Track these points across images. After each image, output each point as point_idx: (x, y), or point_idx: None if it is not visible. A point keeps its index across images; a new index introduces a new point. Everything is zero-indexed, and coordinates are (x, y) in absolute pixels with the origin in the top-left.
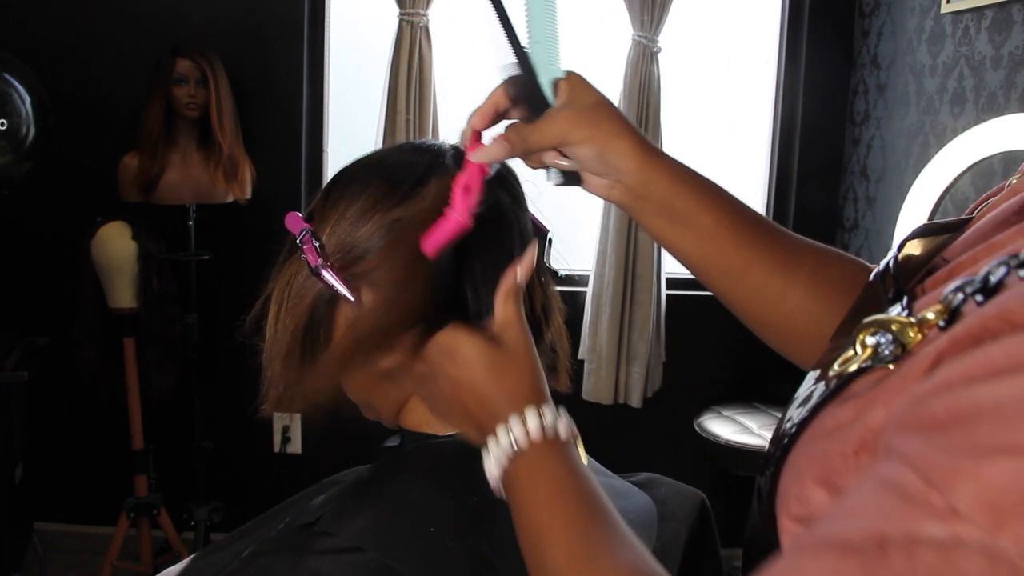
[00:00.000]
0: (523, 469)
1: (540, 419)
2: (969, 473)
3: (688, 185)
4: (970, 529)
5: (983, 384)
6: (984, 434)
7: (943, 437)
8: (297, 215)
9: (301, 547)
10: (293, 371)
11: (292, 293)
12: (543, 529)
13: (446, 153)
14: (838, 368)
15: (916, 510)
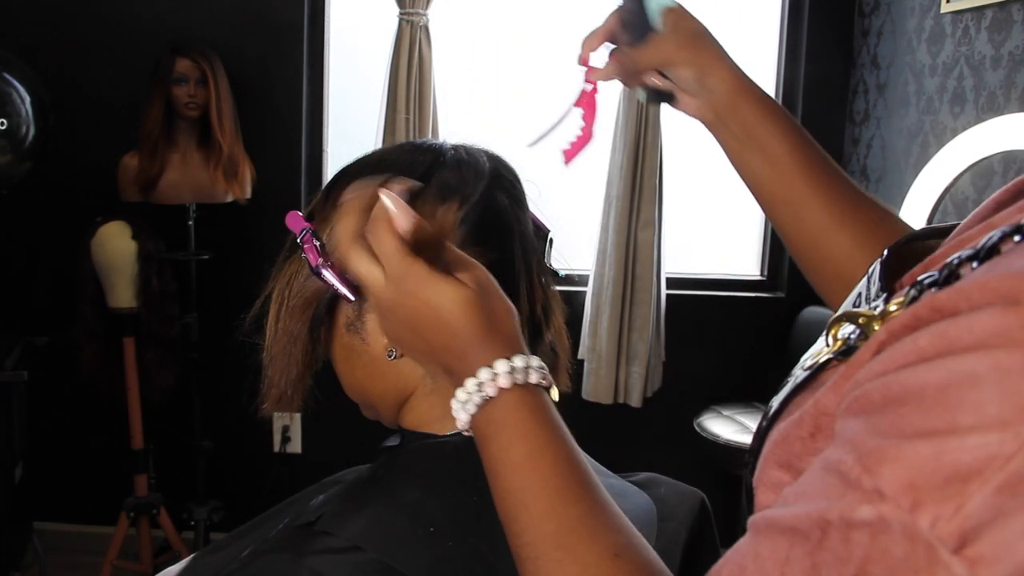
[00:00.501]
0: (494, 418)
1: (510, 366)
2: (894, 456)
3: (772, 116)
4: (893, 510)
5: (910, 370)
6: (907, 418)
7: (876, 420)
8: (298, 214)
9: (301, 547)
10: (294, 370)
11: (292, 292)
12: (516, 496)
13: (446, 153)
14: (811, 361)
15: (852, 493)
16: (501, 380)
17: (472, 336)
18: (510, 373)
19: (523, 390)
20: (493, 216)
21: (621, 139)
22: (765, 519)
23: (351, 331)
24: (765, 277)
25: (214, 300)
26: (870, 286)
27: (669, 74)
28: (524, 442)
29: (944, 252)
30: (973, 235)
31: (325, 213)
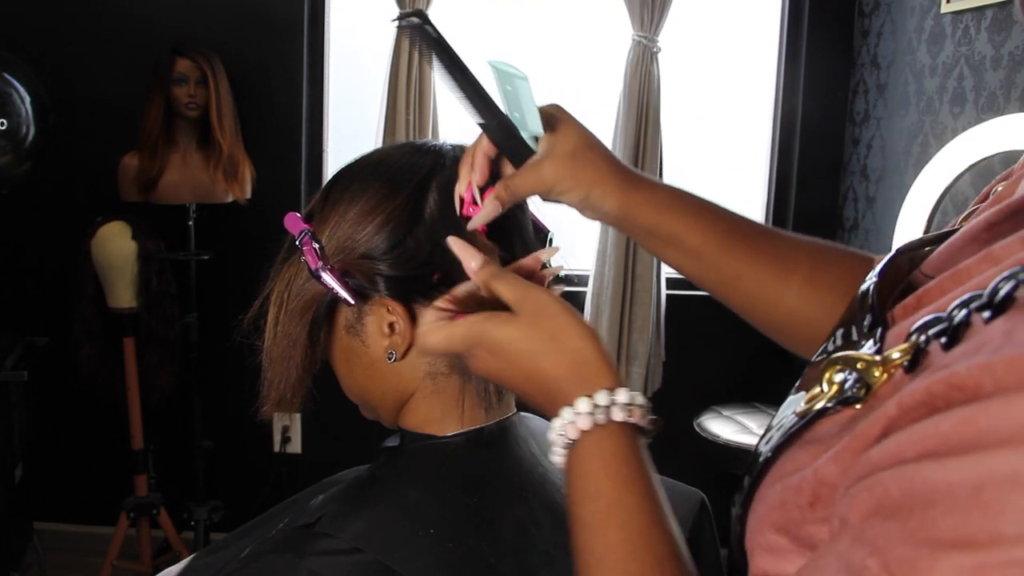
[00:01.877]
0: (585, 455)
1: (592, 402)
2: (928, 568)
3: (671, 212)
4: None
5: (935, 464)
6: (939, 522)
7: (901, 523)
8: (296, 215)
9: (300, 548)
10: (293, 373)
11: (292, 295)
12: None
13: (447, 154)
14: (804, 406)
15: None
16: (581, 422)
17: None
18: (591, 414)
19: (615, 429)
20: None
21: (621, 139)
22: None
23: (351, 333)
24: None
25: (214, 300)
26: (863, 313)
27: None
28: (599, 491)
29: (940, 285)
30: (972, 267)
31: (324, 214)
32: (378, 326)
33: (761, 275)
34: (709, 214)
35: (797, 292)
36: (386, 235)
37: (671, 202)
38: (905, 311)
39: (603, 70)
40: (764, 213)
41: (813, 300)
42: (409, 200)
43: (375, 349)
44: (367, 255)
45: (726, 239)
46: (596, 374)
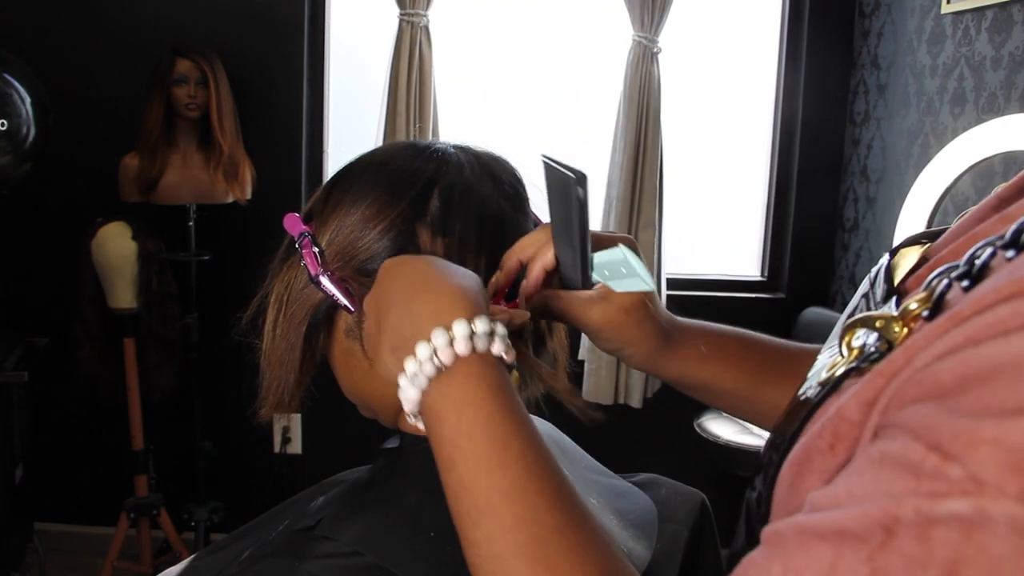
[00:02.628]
0: (450, 393)
1: (470, 329)
2: (991, 437)
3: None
4: (996, 500)
5: (994, 342)
6: (1001, 393)
7: (953, 402)
8: (296, 216)
9: (300, 551)
10: (292, 377)
11: (291, 298)
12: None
13: (451, 159)
14: (826, 375)
15: (931, 484)
16: (459, 345)
17: (427, 290)
18: (469, 338)
19: (484, 361)
20: (495, 219)
21: (621, 140)
22: (794, 525)
23: (351, 336)
24: (765, 278)
25: (214, 301)
26: (874, 289)
27: (586, 331)
28: (487, 428)
29: (954, 249)
30: (987, 229)
31: (325, 217)
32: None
33: (781, 392)
34: (736, 358)
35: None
36: (388, 242)
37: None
38: (918, 280)
39: (603, 70)
40: (764, 213)
41: None
42: (411, 207)
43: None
44: (368, 262)
45: (756, 378)
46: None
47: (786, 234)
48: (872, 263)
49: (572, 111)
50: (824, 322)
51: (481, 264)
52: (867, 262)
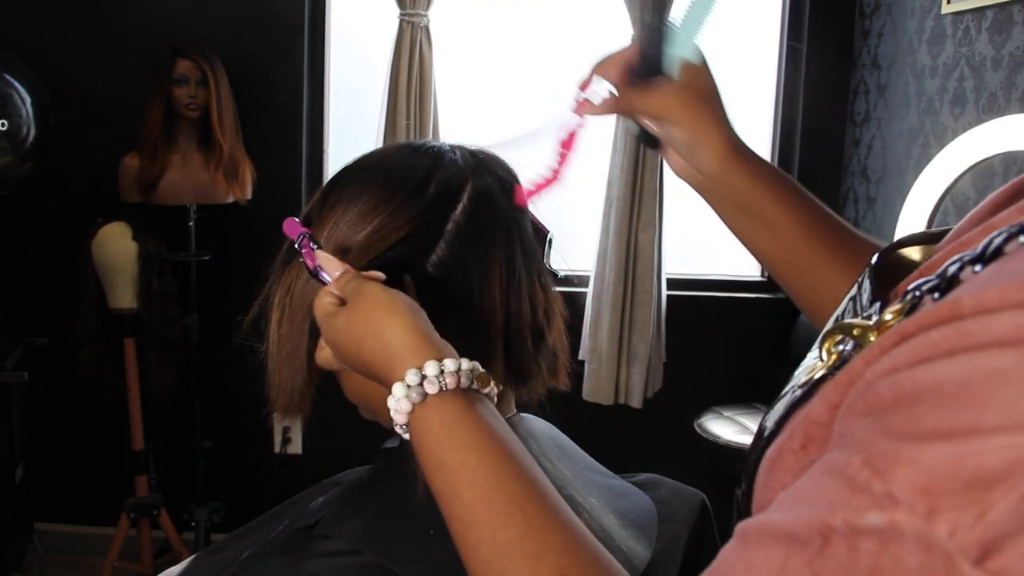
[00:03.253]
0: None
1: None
2: (908, 458)
3: (765, 186)
4: (907, 516)
5: (925, 366)
6: (924, 417)
7: (887, 420)
8: (294, 220)
9: (300, 550)
10: (300, 376)
11: (294, 299)
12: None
13: (446, 155)
14: (805, 377)
15: (859, 498)
16: (428, 386)
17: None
18: (438, 376)
19: (453, 396)
20: (492, 220)
21: (621, 140)
22: (757, 524)
23: None
24: (765, 278)
25: (214, 301)
26: (861, 293)
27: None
28: (440, 468)
29: (940, 258)
30: (972, 238)
31: (323, 216)
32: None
33: (829, 266)
34: (797, 197)
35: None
36: (384, 236)
37: (767, 177)
38: (906, 286)
39: None
40: None
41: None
42: (408, 200)
43: None
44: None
45: (808, 223)
46: (405, 356)
47: None
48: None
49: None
50: None
51: (480, 257)
52: None
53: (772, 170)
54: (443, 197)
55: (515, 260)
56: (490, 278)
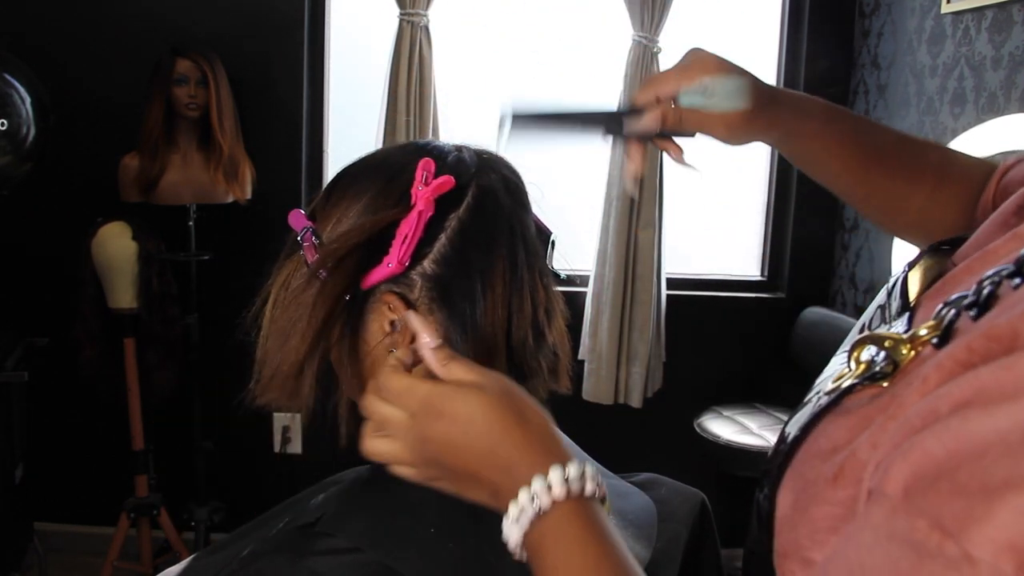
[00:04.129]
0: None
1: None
2: (983, 515)
3: (812, 141)
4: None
5: (979, 413)
6: (992, 470)
7: (949, 479)
8: (300, 212)
9: (301, 548)
10: (287, 363)
11: (288, 292)
12: None
13: (449, 154)
14: (832, 385)
15: (934, 564)
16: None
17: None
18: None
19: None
20: (496, 218)
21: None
22: None
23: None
24: (765, 278)
25: (214, 301)
26: (890, 302)
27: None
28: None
29: (968, 267)
30: (1000, 248)
31: (326, 212)
32: (379, 324)
33: (891, 191)
34: (847, 139)
35: (923, 201)
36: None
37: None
38: (932, 296)
39: (603, 70)
40: (764, 212)
41: (936, 205)
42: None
43: (377, 347)
44: None
45: (865, 160)
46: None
47: (786, 234)
48: (872, 263)
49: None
50: (824, 322)
51: (482, 259)
52: (867, 262)
53: (818, 123)
54: (447, 195)
55: (518, 258)
56: (493, 275)
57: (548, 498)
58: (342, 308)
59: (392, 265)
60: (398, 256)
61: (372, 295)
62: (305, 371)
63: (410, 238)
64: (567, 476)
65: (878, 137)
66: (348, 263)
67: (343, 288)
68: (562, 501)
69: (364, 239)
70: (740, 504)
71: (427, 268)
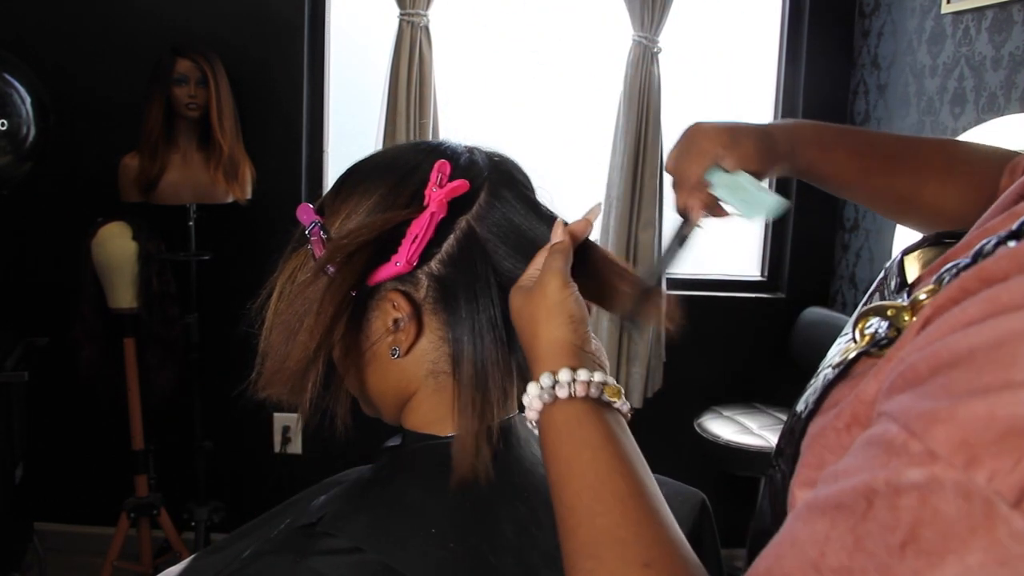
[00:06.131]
0: (548, 423)
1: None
2: (945, 416)
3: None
4: (945, 469)
5: (958, 334)
6: (959, 378)
7: (923, 388)
8: (309, 206)
9: (302, 547)
10: (293, 358)
11: (295, 285)
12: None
13: (460, 155)
14: (839, 358)
15: (898, 459)
16: (559, 390)
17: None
18: (569, 383)
19: (583, 401)
20: (505, 218)
21: (621, 140)
22: (804, 504)
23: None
24: (765, 278)
25: (214, 301)
26: (887, 282)
27: None
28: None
29: (966, 243)
30: (997, 225)
31: (335, 207)
32: (383, 322)
33: (898, 192)
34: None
35: (930, 197)
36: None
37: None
38: (931, 272)
39: (603, 70)
40: None
41: (944, 198)
42: (419, 198)
43: (379, 345)
44: None
45: (863, 174)
46: (546, 359)
47: (786, 234)
48: (872, 263)
49: (572, 111)
50: (824, 322)
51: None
52: (867, 262)
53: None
54: (458, 197)
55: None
56: (498, 275)
57: (543, 397)
58: (348, 304)
59: (401, 264)
60: (407, 255)
61: (377, 292)
62: (311, 368)
63: (421, 238)
64: (575, 377)
65: (875, 148)
66: (357, 260)
67: (351, 284)
68: (578, 397)
69: (374, 237)
70: (740, 504)
71: (434, 268)
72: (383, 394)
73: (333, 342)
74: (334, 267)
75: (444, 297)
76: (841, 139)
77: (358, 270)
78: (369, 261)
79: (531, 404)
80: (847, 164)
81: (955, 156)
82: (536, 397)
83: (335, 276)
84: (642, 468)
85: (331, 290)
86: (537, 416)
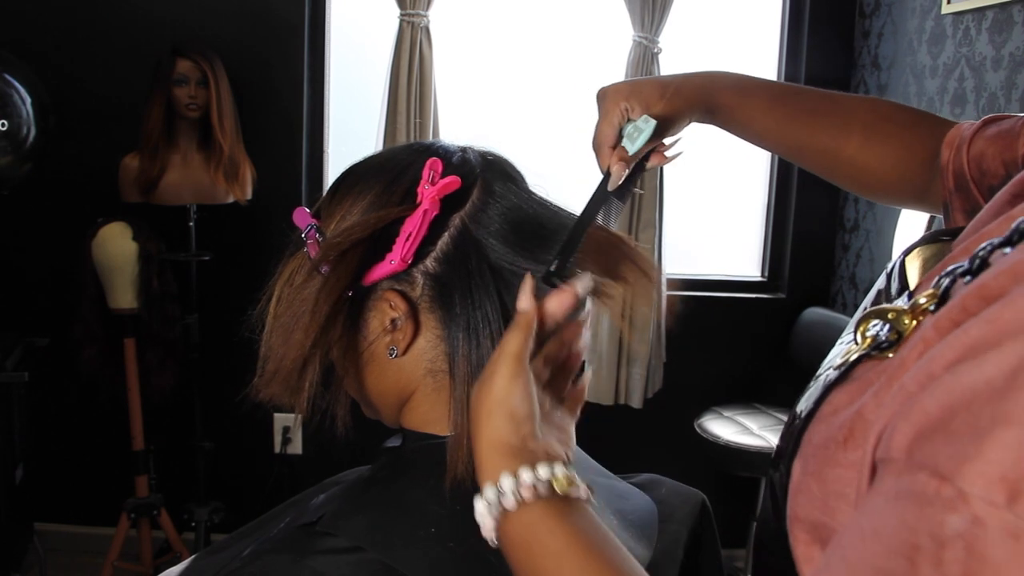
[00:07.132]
0: (513, 531)
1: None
2: (974, 454)
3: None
4: (986, 509)
5: (968, 365)
6: (980, 413)
7: (944, 431)
8: (305, 210)
9: (302, 547)
10: (290, 358)
11: (293, 288)
12: None
13: (454, 154)
14: (840, 360)
15: (931, 507)
16: (504, 501)
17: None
18: (514, 492)
19: (530, 507)
20: (500, 216)
21: None
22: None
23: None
24: (766, 278)
25: (215, 301)
26: (890, 284)
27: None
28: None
29: (964, 248)
30: (993, 229)
31: (331, 210)
32: (380, 321)
33: (821, 145)
34: (775, 103)
35: (854, 152)
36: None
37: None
38: (930, 277)
39: (604, 70)
40: (764, 213)
41: (869, 156)
42: (412, 197)
43: (377, 345)
44: None
45: (783, 121)
46: (501, 458)
47: (786, 234)
48: (872, 263)
49: (572, 111)
50: (824, 322)
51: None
52: (867, 262)
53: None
54: (452, 194)
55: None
56: (494, 274)
57: (512, 500)
58: (344, 304)
59: (395, 262)
60: (401, 253)
61: (373, 292)
62: (308, 367)
63: (414, 236)
64: (518, 481)
65: (798, 99)
66: (350, 258)
67: (346, 284)
68: (526, 503)
69: (367, 235)
70: (741, 504)
71: (430, 266)
72: (382, 394)
73: (331, 342)
74: (328, 266)
75: (440, 295)
76: (762, 87)
77: (352, 268)
78: (363, 260)
79: (483, 523)
80: (767, 111)
81: (880, 113)
82: (485, 515)
83: (330, 275)
84: (613, 556)
85: (326, 289)
86: (493, 534)
